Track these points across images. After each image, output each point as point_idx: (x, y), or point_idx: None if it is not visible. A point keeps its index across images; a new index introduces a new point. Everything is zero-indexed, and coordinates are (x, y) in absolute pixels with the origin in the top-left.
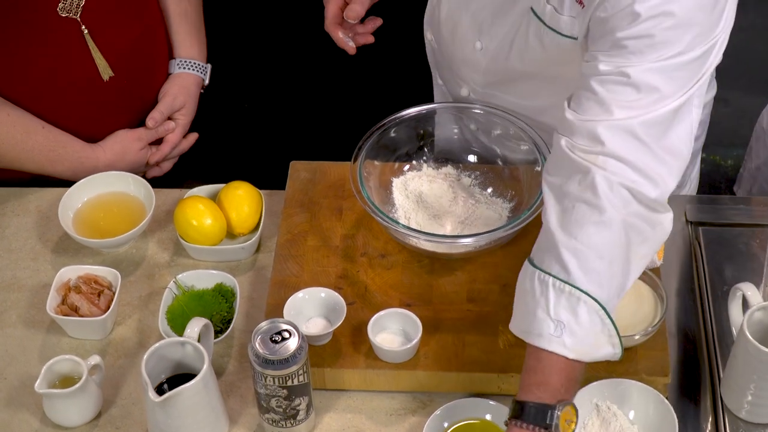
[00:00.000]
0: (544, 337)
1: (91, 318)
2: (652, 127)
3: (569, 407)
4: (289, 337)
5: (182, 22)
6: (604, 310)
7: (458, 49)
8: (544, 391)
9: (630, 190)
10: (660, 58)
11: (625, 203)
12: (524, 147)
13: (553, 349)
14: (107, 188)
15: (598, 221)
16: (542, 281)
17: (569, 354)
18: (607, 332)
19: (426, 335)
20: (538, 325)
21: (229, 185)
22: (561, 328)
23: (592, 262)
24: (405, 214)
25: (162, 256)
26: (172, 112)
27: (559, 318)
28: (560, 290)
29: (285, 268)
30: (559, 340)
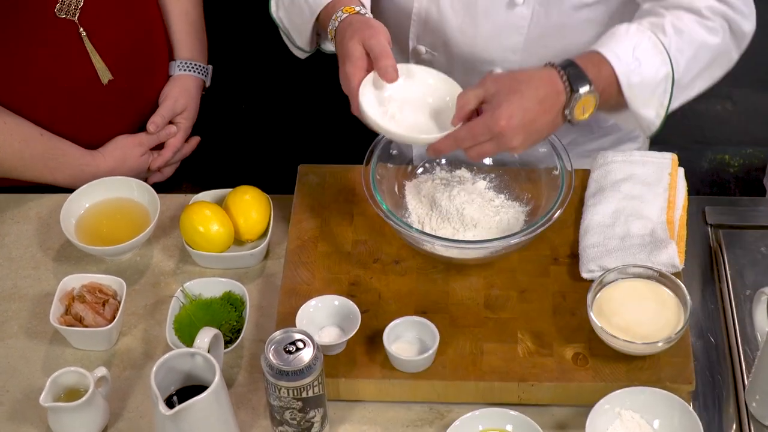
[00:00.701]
0: (620, 60)
1: (96, 328)
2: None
3: (593, 97)
4: (304, 347)
5: (182, 21)
6: (672, 81)
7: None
8: (591, 70)
9: (730, 21)
10: None
11: (723, 29)
12: (542, 150)
13: (619, 69)
14: (110, 194)
15: (703, 23)
16: (641, 30)
17: (627, 82)
18: (661, 97)
19: (443, 344)
20: (622, 50)
21: (236, 190)
22: (636, 63)
23: (685, 44)
24: (419, 219)
25: (167, 264)
26: (173, 116)
27: (639, 56)
28: (654, 43)
29: (295, 276)
30: (628, 68)
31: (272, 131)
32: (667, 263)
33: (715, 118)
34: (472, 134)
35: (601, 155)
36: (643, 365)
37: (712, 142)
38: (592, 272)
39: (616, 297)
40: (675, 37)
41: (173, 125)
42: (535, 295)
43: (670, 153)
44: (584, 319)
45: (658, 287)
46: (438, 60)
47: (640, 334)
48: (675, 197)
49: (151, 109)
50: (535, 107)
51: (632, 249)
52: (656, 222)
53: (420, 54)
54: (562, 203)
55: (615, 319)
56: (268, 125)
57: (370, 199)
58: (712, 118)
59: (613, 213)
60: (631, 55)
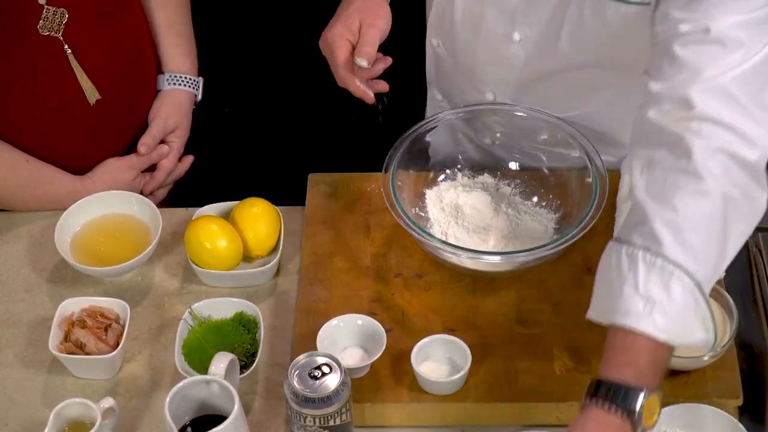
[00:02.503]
0: (632, 315)
1: (99, 356)
2: (745, 83)
3: (655, 395)
4: (330, 372)
5: (170, 32)
6: (699, 289)
7: (484, 49)
8: (629, 372)
9: (729, 154)
10: (743, 10)
11: (724, 170)
12: (574, 154)
13: (643, 329)
14: (107, 209)
15: (696, 190)
16: (631, 255)
17: (660, 335)
18: (701, 314)
19: (474, 363)
20: (625, 303)
21: (243, 203)
22: (651, 305)
23: (688, 234)
24: (441, 229)
25: (171, 284)
26: (165, 135)
27: (649, 294)
28: (651, 264)
29: (312, 294)
30: (649, 319)
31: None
32: None
33: None
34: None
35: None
36: (688, 380)
37: None
38: None
39: None
40: (672, 238)
41: (165, 145)
42: (570, 307)
43: None
44: None
45: None
46: (445, 59)
47: (685, 348)
48: None
49: (141, 128)
50: None
51: None
52: None
53: (433, 45)
54: (597, 210)
55: None
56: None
57: (390, 209)
58: None
59: None
60: (642, 303)
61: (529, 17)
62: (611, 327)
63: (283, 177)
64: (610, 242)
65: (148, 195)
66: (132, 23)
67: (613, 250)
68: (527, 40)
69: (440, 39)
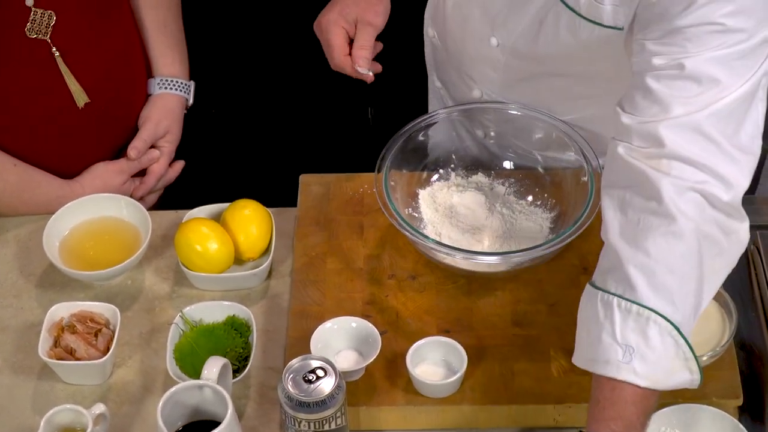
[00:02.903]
0: (612, 364)
1: (89, 361)
2: (719, 122)
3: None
4: (324, 375)
5: (161, 35)
6: (678, 331)
7: (470, 46)
8: (618, 426)
9: (701, 193)
10: (720, 46)
11: (697, 209)
12: (569, 153)
13: (623, 378)
14: (96, 213)
15: (668, 232)
16: (606, 303)
17: (641, 382)
18: (683, 355)
19: (469, 365)
20: (604, 352)
21: (233, 204)
22: (630, 353)
23: (662, 277)
24: (435, 230)
25: (161, 287)
26: (155, 140)
27: (627, 342)
28: (626, 311)
29: (305, 296)
30: (629, 367)
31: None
32: None
33: None
34: None
35: None
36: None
37: None
38: None
39: None
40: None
41: (155, 149)
42: (566, 308)
43: None
44: None
45: None
46: (440, 49)
47: None
48: None
49: (132, 132)
50: None
51: None
52: None
53: (429, 35)
54: (593, 210)
55: None
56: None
57: (383, 209)
58: None
59: None
60: (621, 352)
61: (507, 24)
62: (595, 376)
63: (274, 178)
64: (587, 285)
65: (138, 200)
66: (121, 25)
67: (589, 296)
68: (504, 46)
69: (436, 30)
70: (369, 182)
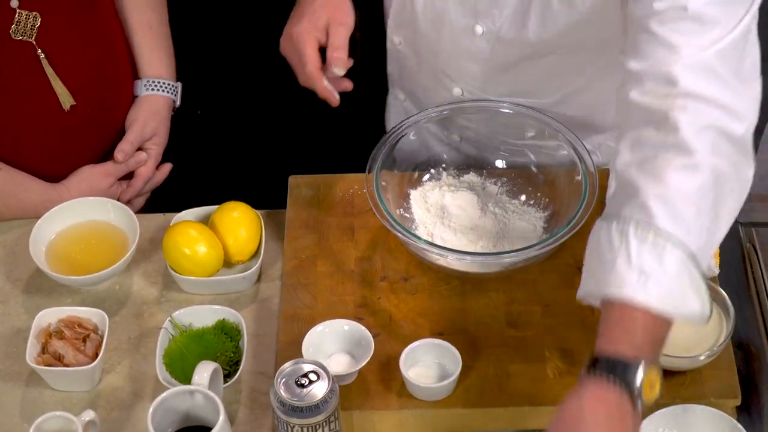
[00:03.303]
0: (627, 287)
1: (78, 367)
2: (725, 58)
3: (654, 369)
4: (317, 379)
5: (147, 35)
6: (693, 261)
7: (448, 42)
8: (626, 346)
9: (717, 130)
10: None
11: (713, 145)
12: (562, 151)
13: (638, 300)
14: (83, 217)
15: (686, 165)
16: (621, 231)
17: (655, 304)
18: (696, 286)
19: (464, 367)
20: (618, 277)
21: (222, 207)
22: (645, 277)
23: (680, 207)
24: (426, 230)
25: (150, 292)
26: (142, 142)
27: (642, 267)
28: (643, 237)
29: (296, 299)
30: (645, 290)
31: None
32: None
33: None
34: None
35: None
36: (684, 381)
37: None
38: None
39: None
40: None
41: (143, 152)
42: (561, 308)
43: None
44: None
45: None
46: (408, 56)
47: (680, 347)
48: None
49: (118, 135)
50: None
51: None
52: None
53: (395, 43)
54: (587, 208)
55: None
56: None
57: (374, 210)
58: None
59: None
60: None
61: (491, 10)
62: (605, 303)
63: (263, 180)
64: (597, 221)
65: (125, 203)
66: (106, 26)
67: (602, 228)
68: (490, 33)
69: (402, 36)
70: (359, 183)
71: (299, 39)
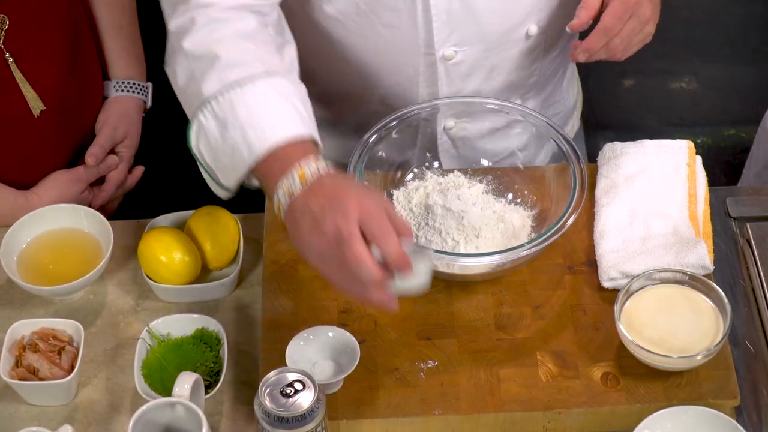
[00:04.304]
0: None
1: (53, 381)
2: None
3: None
4: (303, 388)
5: (117, 36)
6: None
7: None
8: None
9: None
10: None
11: None
12: (550, 147)
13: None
14: (55, 224)
15: None
16: None
17: None
18: None
19: (454, 373)
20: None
21: (198, 212)
22: None
23: None
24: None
25: (125, 301)
26: (113, 145)
27: None
28: None
29: (277, 306)
30: None
31: None
32: (697, 264)
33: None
34: (616, 16)
35: (609, 147)
36: (681, 382)
37: (688, 123)
38: (614, 280)
39: (646, 307)
40: None
41: (114, 156)
42: (552, 310)
43: (685, 141)
44: (609, 334)
45: (691, 292)
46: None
47: (677, 347)
48: (696, 190)
49: (88, 138)
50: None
51: (656, 251)
52: (678, 219)
53: (450, 59)
54: (577, 206)
55: (647, 332)
56: None
57: None
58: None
59: (630, 212)
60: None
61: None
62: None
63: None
64: None
65: (97, 209)
66: (75, 27)
67: None
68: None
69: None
70: None
71: (344, 240)
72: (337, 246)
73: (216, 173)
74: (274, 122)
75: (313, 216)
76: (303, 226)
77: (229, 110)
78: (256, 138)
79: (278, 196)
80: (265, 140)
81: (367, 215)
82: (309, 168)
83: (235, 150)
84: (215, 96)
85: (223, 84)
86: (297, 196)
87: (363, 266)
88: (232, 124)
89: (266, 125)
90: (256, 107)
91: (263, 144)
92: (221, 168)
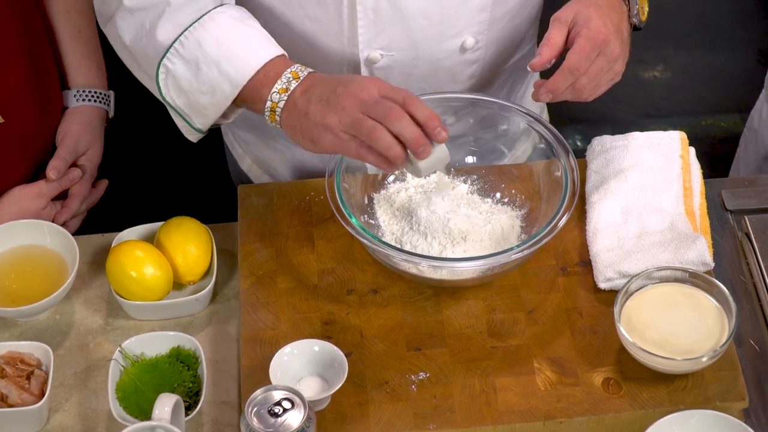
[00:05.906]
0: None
1: (24, 407)
2: None
3: None
4: (292, 407)
5: (75, 42)
6: None
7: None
8: None
9: None
10: None
11: None
12: (540, 144)
13: None
14: (17, 241)
15: None
16: None
17: None
18: None
19: (447, 384)
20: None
21: (168, 223)
22: None
23: None
24: (394, 237)
25: (94, 320)
26: (75, 157)
27: None
28: None
29: (256, 320)
30: None
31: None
32: (697, 261)
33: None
34: (582, 54)
35: (598, 140)
36: (686, 385)
37: (664, 113)
38: (611, 280)
39: (646, 307)
40: None
41: (76, 168)
42: (546, 314)
43: (677, 132)
44: (608, 337)
45: (693, 291)
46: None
47: (681, 349)
48: (691, 183)
49: (49, 151)
50: (612, 14)
51: (653, 248)
52: (674, 214)
53: (375, 62)
54: (569, 206)
55: (648, 334)
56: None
57: (337, 215)
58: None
59: (623, 208)
60: None
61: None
62: None
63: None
64: None
65: (60, 225)
66: (31, 35)
67: None
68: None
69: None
70: (316, 189)
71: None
72: (365, 109)
73: (190, 116)
74: (245, 50)
75: (324, 99)
76: (312, 112)
77: (197, 49)
78: (234, 69)
79: (272, 100)
80: (244, 69)
81: (385, 90)
82: (298, 68)
83: (214, 86)
84: (177, 39)
85: (180, 27)
86: (294, 89)
87: (395, 110)
88: (203, 62)
89: (240, 54)
90: (224, 40)
91: (243, 74)
92: (199, 109)
